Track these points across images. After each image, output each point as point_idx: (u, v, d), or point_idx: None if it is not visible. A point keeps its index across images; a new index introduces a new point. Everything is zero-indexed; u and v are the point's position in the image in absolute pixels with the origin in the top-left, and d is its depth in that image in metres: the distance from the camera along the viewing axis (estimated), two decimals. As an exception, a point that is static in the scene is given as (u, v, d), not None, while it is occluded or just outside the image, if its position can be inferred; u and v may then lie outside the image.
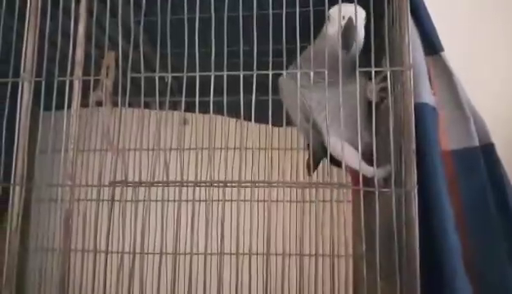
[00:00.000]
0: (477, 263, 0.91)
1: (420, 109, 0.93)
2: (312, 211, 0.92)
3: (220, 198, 0.95)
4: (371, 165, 0.92)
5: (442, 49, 1.03)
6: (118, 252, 0.87)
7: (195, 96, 0.94)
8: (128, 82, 0.95)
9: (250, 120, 0.93)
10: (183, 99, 0.96)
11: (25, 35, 1.01)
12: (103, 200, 0.97)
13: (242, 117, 0.98)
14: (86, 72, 1.00)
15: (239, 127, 1.40)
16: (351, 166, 0.96)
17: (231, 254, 0.95)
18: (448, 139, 1.00)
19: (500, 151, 1.01)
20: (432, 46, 1.03)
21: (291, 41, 0.94)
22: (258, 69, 0.92)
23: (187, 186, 0.90)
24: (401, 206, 0.86)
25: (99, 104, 1.14)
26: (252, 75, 0.91)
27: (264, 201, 0.96)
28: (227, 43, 0.94)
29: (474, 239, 0.93)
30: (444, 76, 1.02)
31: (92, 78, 1.00)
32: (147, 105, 1.36)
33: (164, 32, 0.96)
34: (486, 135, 1.01)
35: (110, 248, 0.90)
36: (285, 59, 0.95)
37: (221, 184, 0.89)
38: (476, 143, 0.99)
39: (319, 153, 1.20)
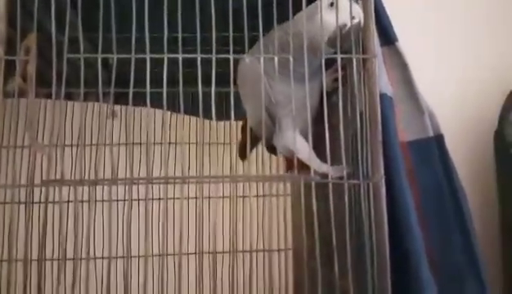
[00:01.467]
0: (436, 253, 0.92)
1: (380, 99, 0.91)
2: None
3: (177, 196, 0.85)
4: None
5: (396, 39, 1.03)
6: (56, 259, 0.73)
7: (127, 86, 0.82)
8: (65, 65, 0.81)
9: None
10: (131, 90, 0.83)
11: None
12: (33, 202, 0.82)
13: (201, 112, 0.87)
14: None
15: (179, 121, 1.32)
16: (309, 164, 0.91)
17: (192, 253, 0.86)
18: (404, 130, 1.01)
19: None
20: (387, 36, 1.02)
21: (253, 27, 0.87)
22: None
23: (138, 184, 0.79)
24: (364, 197, 0.84)
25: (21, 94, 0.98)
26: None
27: (222, 197, 0.88)
28: (182, 28, 0.84)
29: (432, 230, 0.95)
30: (399, 67, 1.02)
31: (17, 58, 0.84)
32: (70, 96, 1.21)
33: (107, 10, 0.84)
34: (437, 127, 1.03)
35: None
36: (247, 45, 0.87)
37: (178, 181, 0.79)
38: (431, 134, 1.00)
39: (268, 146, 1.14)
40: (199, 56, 0.81)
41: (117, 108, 1.47)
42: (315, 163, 0.92)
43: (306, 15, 0.91)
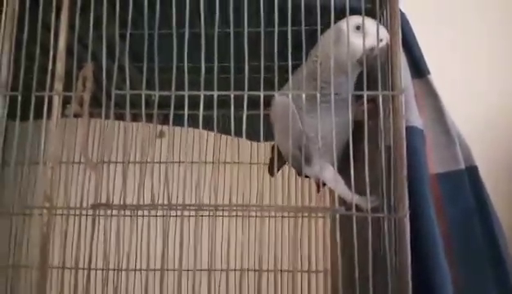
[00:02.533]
0: (465, 289, 0.92)
1: (409, 132, 0.93)
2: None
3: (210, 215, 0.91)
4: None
5: (428, 72, 1.05)
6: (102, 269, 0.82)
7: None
8: (113, 98, 0.91)
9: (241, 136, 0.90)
10: (171, 115, 0.91)
11: (0, 46, 0.95)
12: (83, 214, 0.91)
13: (233, 133, 0.94)
14: (65, 87, 0.95)
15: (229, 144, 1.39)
16: (339, 192, 0.94)
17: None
18: (434, 162, 1.01)
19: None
20: (419, 69, 1.04)
21: (282, 59, 0.92)
22: (249, 85, 0.89)
23: (176, 209, 0.87)
24: (389, 231, 0.86)
25: (76, 115, 1.09)
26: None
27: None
28: (218, 59, 0.91)
29: (461, 264, 0.94)
30: (430, 99, 1.04)
31: (73, 94, 0.94)
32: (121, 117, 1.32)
33: (151, 46, 0.93)
34: (470, 158, 1.03)
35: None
36: (276, 76, 0.93)
37: (211, 208, 0.85)
38: (462, 166, 1.00)
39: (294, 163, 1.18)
40: (232, 93, 0.87)
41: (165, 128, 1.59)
42: (343, 192, 0.95)
43: (332, 37, 0.95)
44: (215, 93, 0.89)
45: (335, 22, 0.94)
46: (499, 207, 1.03)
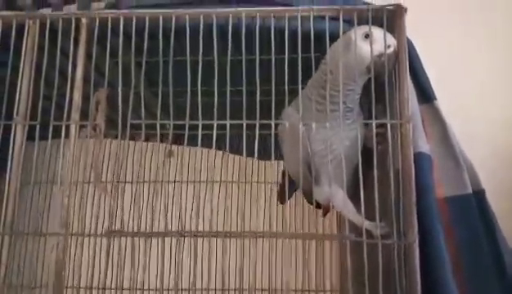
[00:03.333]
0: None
1: (417, 157, 0.95)
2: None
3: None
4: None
5: (435, 98, 1.07)
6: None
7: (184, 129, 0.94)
8: (128, 126, 0.94)
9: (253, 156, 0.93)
10: (185, 141, 0.94)
11: (20, 76, 0.98)
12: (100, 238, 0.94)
13: (244, 154, 0.97)
14: (82, 113, 0.99)
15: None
16: (349, 217, 0.96)
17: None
18: (443, 186, 1.03)
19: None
20: (425, 95, 1.06)
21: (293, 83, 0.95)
22: (261, 107, 0.92)
23: (185, 236, 0.89)
24: (399, 257, 0.87)
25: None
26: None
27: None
28: (230, 84, 0.95)
29: (470, 286, 0.95)
30: (437, 124, 1.05)
31: (89, 123, 0.98)
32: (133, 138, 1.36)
33: (166, 74, 0.96)
34: (477, 182, 1.04)
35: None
36: (287, 99, 0.96)
37: (222, 235, 0.87)
38: (469, 190, 1.02)
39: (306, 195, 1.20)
40: (244, 122, 0.90)
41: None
42: (353, 217, 0.97)
43: (341, 45, 0.98)
44: (228, 122, 0.91)
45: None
46: (507, 228, 1.05)
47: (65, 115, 0.96)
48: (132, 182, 1.31)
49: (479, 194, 1.03)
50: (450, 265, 0.90)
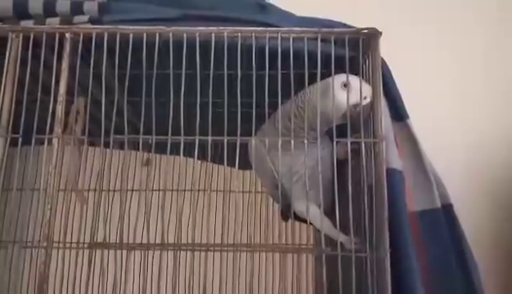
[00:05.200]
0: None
1: (389, 173, 1.00)
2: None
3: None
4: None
5: (407, 116, 1.12)
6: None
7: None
8: (111, 142, 0.96)
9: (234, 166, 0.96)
10: (167, 153, 0.97)
11: (2, 88, 0.99)
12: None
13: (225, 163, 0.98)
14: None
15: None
16: (325, 232, 0.99)
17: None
18: (414, 200, 1.08)
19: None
20: (398, 113, 1.12)
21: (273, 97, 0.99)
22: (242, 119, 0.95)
23: (169, 250, 0.91)
24: (371, 270, 0.92)
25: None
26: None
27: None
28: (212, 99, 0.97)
29: (438, 295, 1.01)
30: (409, 141, 1.11)
31: (72, 138, 0.99)
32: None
33: (149, 88, 0.98)
34: (446, 197, 1.10)
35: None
36: (267, 115, 0.99)
37: (203, 248, 0.90)
38: (438, 204, 1.07)
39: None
40: (225, 138, 0.93)
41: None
42: (327, 229, 1.01)
43: (320, 90, 1.02)
44: (209, 138, 0.95)
45: (321, 68, 1.00)
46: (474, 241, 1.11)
47: (47, 127, 0.97)
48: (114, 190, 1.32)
49: (447, 208, 1.09)
50: (420, 277, 0.95)
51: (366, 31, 1.01)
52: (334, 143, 0.98)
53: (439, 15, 1.77)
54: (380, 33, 1.01)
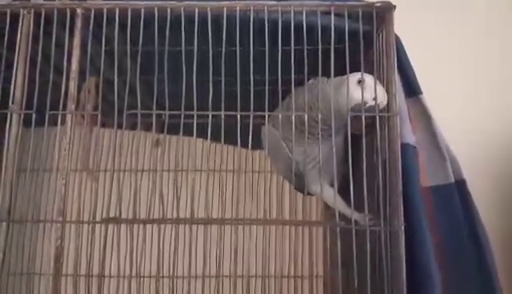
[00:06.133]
0: (453, 288, 0.99)
1: (403, 149, 0.99)
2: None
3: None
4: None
5: (420, 92, 1.11)
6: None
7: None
8: (125, 117, 0.96)
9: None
10: (181, 131, 0.97)
11: (15, 65, 0.99)
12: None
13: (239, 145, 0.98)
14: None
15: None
16: (340, 210, 0.99)
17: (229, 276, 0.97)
18: (427, 175, 1.08)
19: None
20: (412, 88, 1.11)
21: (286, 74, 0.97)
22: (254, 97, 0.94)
23: (184, 224, 0.92)
24: (385, 243, 0.92)
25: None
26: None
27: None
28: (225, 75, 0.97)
29: (451, 271, 1.01)
30: (423, 117, 1.10)
31: (85, 113, 0.99)
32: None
33: (161, 64, 0.98)
34: (459, 173, 1.10)
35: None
36: (280, 94, 0.98)
37: (218, 222, 0.91)
38: (452, 180, 1.07)
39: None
40: (238, 114, 0.93)
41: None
42: (341, 208, 1.01)
43: (334, 84, 1.02)
44: (222, 113, 0.94)
45: (335, 43, 0.99)
46: (487, 216, 1.11)
47: (60, 104, 0.97)
48: (130, 171, 1.33)
49: (460, 184, 1.09)
50: (433, 251, 0.95)
51: (379, 4, 0.99)
52: (349, 118, 0.96)
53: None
54: (394, 7, 0.99)
